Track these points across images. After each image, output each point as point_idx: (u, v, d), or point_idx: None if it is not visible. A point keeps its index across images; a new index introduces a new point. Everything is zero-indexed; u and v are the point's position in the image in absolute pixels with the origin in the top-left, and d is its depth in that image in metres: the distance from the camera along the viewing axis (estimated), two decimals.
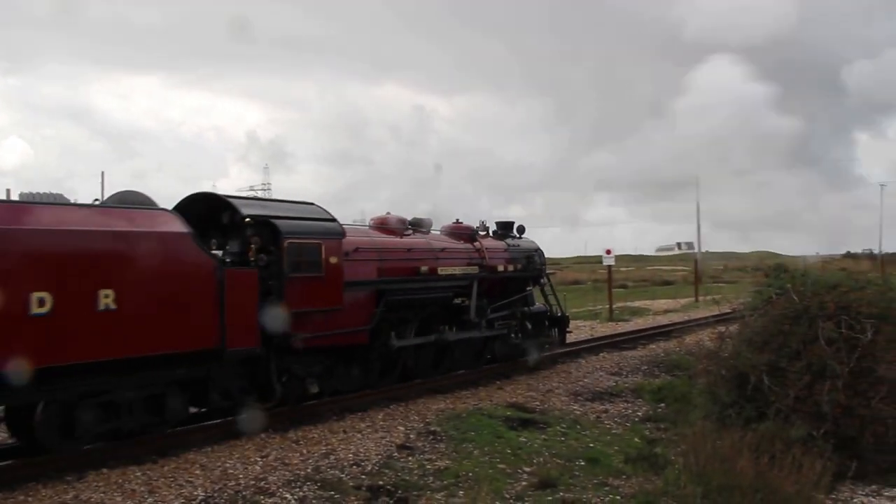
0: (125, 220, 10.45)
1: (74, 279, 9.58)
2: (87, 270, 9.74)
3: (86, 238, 9.85)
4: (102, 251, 9.97)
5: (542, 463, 10.59)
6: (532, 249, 19.34)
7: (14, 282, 9.03)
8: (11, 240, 9.13)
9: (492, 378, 16.39)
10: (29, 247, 9.27)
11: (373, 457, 10.43)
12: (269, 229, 12.21)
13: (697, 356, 14.65)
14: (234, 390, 11.80)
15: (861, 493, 9.93)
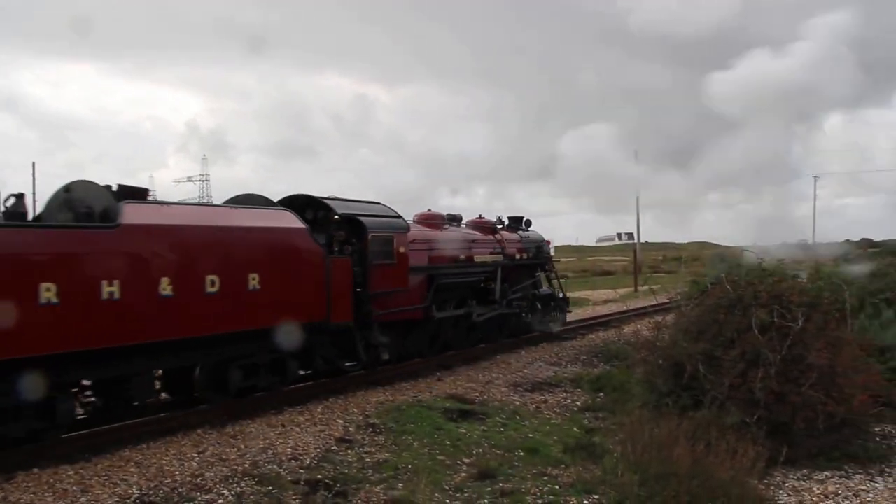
0: (263, 217, 13.21)
1: (234, 265, 12.16)
2: (243, 258, 12.34)
3: (241, 232, 12.52)
4: (252, 243, 12.61)
5: (481, 454, 10.63)
6: (540, 240, 22.73)
7: (196, 267, 11.59)
8: (194, 235, 11.74)
9: (432, 370, 16.42)
10: (206, 239, 11.90)
11: (311, 450, 10.39)
12: (356, 225, 14.96)
13: (635, 346, 14.82)
14: (332, 356, 14.52)
15: (792, 478, 10.13)
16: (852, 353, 11.41)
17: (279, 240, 13.16)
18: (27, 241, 9.89)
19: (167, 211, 12.00)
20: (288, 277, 13.09)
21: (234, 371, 12.59)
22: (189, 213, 12.43)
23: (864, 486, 9.90)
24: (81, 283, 10.17)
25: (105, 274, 10.36)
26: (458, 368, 16.87)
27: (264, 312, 12.56)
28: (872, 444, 11.25)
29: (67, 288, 9.93)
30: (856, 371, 11.20)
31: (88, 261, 10.33)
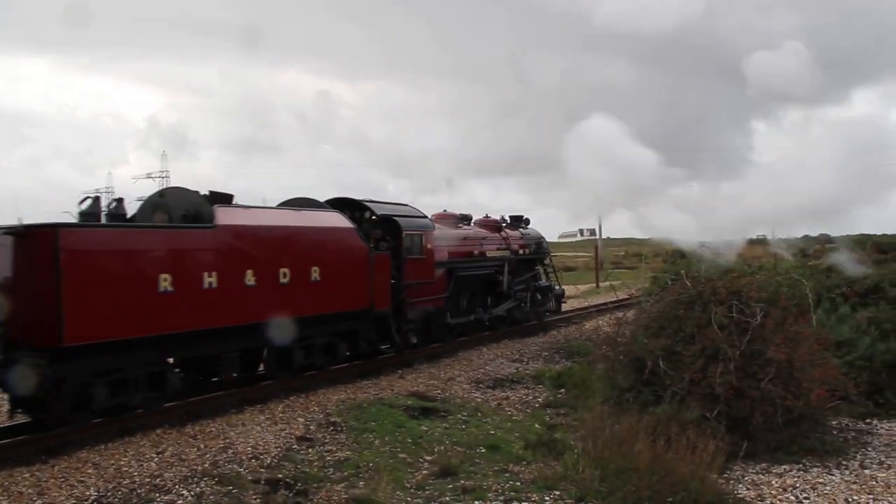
0: (320, 218, 15.31)
1: (300, 259, 14.04)
2: (307, 253, 14.25)
3: (305, 231, 14.51)
4: (313, 240, 14.58)
5: (442, 451, 10.60)
6: (538, 237, 24.87)
7: (272, 261, 13.40)
8: (270, 233, 13.64)
9: (393, 367, 16.36)
10: (279, 237, 13.85)
11: (272, 450, 10.28)
12: (391, 224, 17.09)
13: (596, 342, 14.90)
14: (373, 340, 16.45)
15: (752, 472, 10.23)
16: (810, 347, 11.53)
17: (334, 238, 15.20)
18: (151, 238, 11.79)
19: (249, 213, 13.73)
20: (341, 270, 15.05)
21: (297, 351, 14.37)
22: (265, 215, 14.22)
23: (821, 478, 10.02)
24: (189, 274, 12.02)
25: (205, 266, 12.27)
26: (419, 366, 16.81)
27: (322, 301, 14.60)
28: (829, 438, 11.39)
29: (179, 278, 11.78)
30: (813, 365, 11.32)
31: (194, 255, 12.23)
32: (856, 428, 12.38)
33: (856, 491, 9.59)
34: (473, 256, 20.70)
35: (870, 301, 16.07)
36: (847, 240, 27.28)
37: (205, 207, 12.82)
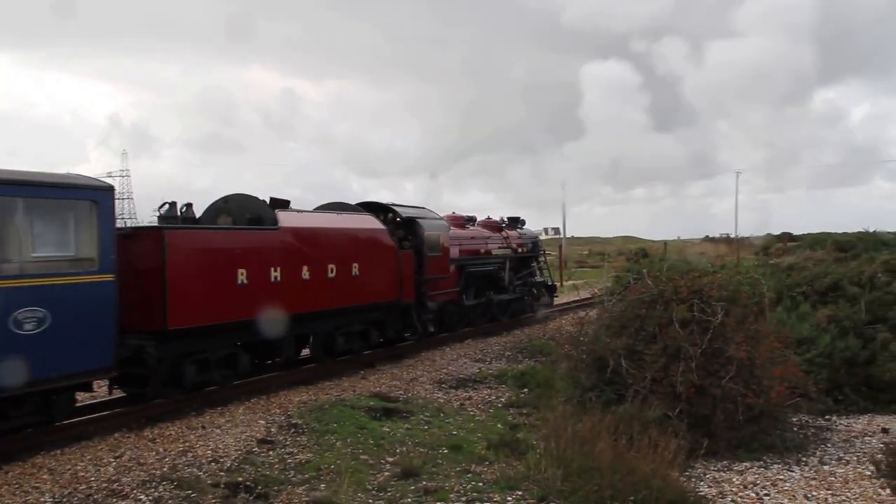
0: (358, 221, 17.31)
1: (343, 256, 15.94)
2: (348, 251, 16.16)
3: (347, 231, 16.52)
4: (353, 239, 16.57)
5: (404, 452, 10.53)
6: (534, 236, 27.60)
7: (322, 258, 15.32)
8: (321, 234, 15.59)
9: (355, 368, 16.28)
10: (328, 237, 15.78)
11: (232, 452, 10.15)
12: (414, 225, 19.03)
13: (559, 341, 14.91)
14: (399, 328, 18.45)
15: (713, 469, 10.28)
16: (770, 345, 11.61)
17: (369, 237, 17.13)
18: (232, 238, 13.71)
19: (304, 216, 15.86)
20: (374, 266, 16.92)
21: (339, 337, 16.17)
22: (316, 218, 16.30)
23: (781, 475, 10.11)
24: (259, 269, 13.79)
25: (272, 262, 14.07)
26: (382, 366, 16.74)
27: (360, 293, 16.44)
28: (790, 435, 11.50)
29: (252, 272, 13.55)
30: (774, 363, 11.41)
31: (263, 253, 14.01)
32: (815, 424, 12.50)
33: (815, 487, 9.67)
34: (480, 254, 23.04)
35: (829, 299, 16.22)
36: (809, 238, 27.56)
37: (267, 211, 14.72)
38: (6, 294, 9.69)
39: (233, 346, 13.60)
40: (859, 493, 9.49)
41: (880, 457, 10.36)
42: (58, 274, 10.48)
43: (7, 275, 9.82)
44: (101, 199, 11.03)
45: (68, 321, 10.39)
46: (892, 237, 24.46)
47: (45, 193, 10.55)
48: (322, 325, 15.79)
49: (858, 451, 11.21)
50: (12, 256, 10.06)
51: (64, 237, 10.90)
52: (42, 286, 10.19)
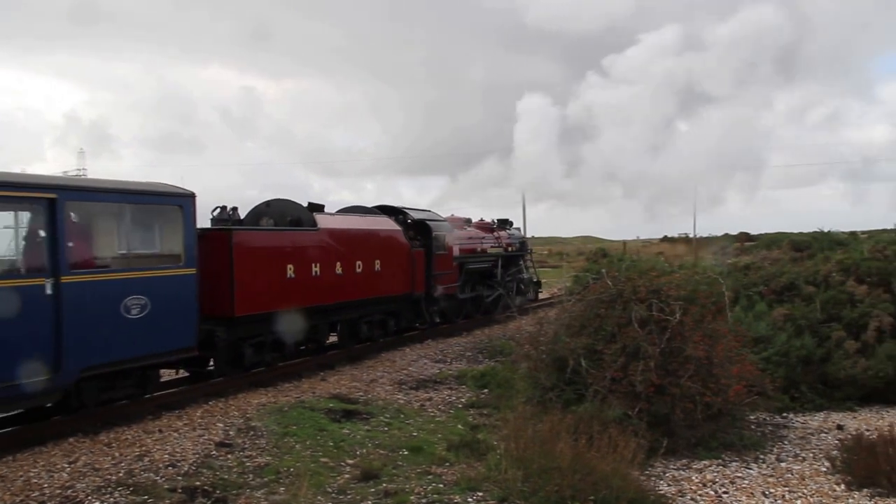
0: (378, 222, 19.82)
1: (368, 254, 18.37)
2: (372, 249, 18.61)
3: (370, 232, 19.02)
4: (375, 239, 19.04)
5: (365, 454, 10.47)
6: (521, 237, 29.69)
7: (351, 255, 17.64)
8: (350, 234, 17.98)
9: (315, 369, 16.19)
10: (356, 236, 18.19)
11: (190, 456, 10.03)
12: (424, 226, 21.63)
13: (519, 341, 14.90)
14: (411, 318, 21.06)
15: (672, 468, 10.34)
16: (728, 344, 11.69)
17: (388, 237, 19.65)
18: (282, 238, 15.97)
19: (336, 219, 18.42)
20: (393, 262, 19.38)
21: (363, 325, 18.67)
22: (346, 220, 18.78)
23: (739, 473, 10.20)
24: (303, 265, 16.05)
25: (313, 259, 16.37)
26: (341, 368, 16.67)
27: (381, 286, 18.85)
28: (747, 433, 11.60)
29: (298, 268, 15.84)
30: (731, 362, 11.49)
31: (306, 251, 16.26)
32: (772, 422, 12.63)
33: (772, 484, 9.76)
34: (477, 253, 25.18)
35: (785, 298, 16.41)
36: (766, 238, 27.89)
37: (305, 214, 17.04)
38: (120, 284, 11.75)
39: (278, 332, 15.42)
40: (815, 489, 9.59)
41: (835, 453, 10.52)
42: (154, 268, 12.57)
43: (120, 269, 11.94)
44: (185, 205, 12.87)
45: (162, 308, 12.32)
46: (845, 237, 24.83)
47: (144, 200, 12.62)
48: (349, 314, 18.16)
49: (814, 448, 11.34)
50: (124, 253, 12.37)
51: (158, 236, 13.19)
52: (144, 278, 12.17)
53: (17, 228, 11.40)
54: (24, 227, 11.33)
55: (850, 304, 15.50)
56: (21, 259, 11.14)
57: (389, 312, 19.85)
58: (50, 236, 10.80)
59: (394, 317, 20.12)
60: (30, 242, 11.14)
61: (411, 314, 21.16)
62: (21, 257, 11.15)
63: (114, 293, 11.60)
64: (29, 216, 11.24)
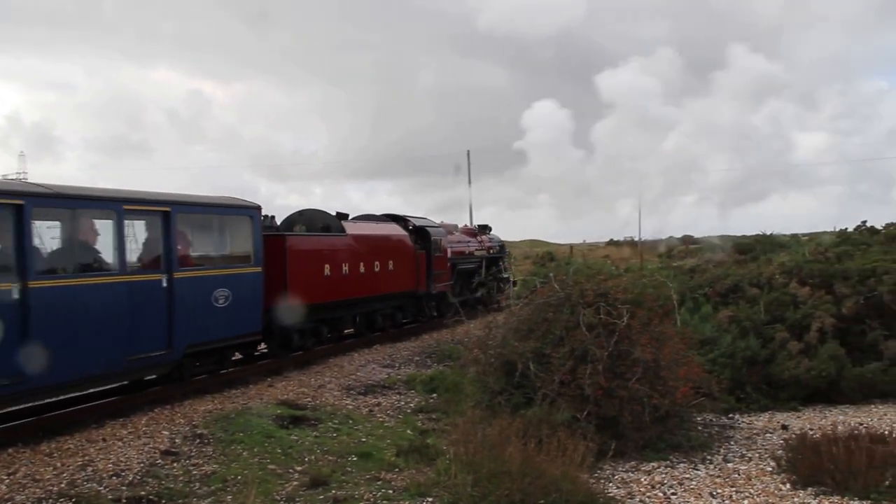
0: (390, 228, 22.99)
1: (383, 256, 20.97)
2: (385, 252, 21.29)
3: (385, 236, 22.02)
4: (388, 242, 21.95)
5: (313, 461, 10.37)
6: (500, 241, 33.05)
7: (370, 256, 20.32)
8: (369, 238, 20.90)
9: (262, 375, 16.03)
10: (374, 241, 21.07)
11: (134, 465, 9.84)
12: (423, 232, 24.22)
13: (467, 346, 14.90)
14: (415, 312, 23.72)
15: (621, 470, 10.40)
16: (675, 347, 11.79)
17: (399, 241, 22.64)
18: (320, 242, 18.94)
19: (359, 225, 21.46)
20: (401, 263, 22.15)
21: (378, 317, 21.71)
22: (366, 226, 21.90)
23: (687, 474, 10.29)
24: (336, 265, 18.87)
25: (343, 260, 19.21)
26: (289, 373, 16.50)
27: (393, 283, 21.62)
28: (695, 434, 11.71)
29: (332, 267, 18.71)
30: (678, 364, 11.59)
31: (338, 253, 19.13)
32: (719, 423, 12.77)
33: (720, 484, 9.86)
34: (466, 255, 28.36)
35: (730, 300, 16.62)
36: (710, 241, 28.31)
37: (334, 222, 19.87)
38: (212, 279, 14.46)
39: (317, 321, 18.33)
40: (761, 488, 9.70)
41: (780, 453, 10.65)
42: (234, 266, 15.33)
43: (212, 266, 14.85)
44: (254, 215, 15.79)
45: (239, 299, 14.91)
46: (787, 240, 25.20)
47: (226, 212, 15.65)
48: (368, 307, 21.08)
49: (760, 448, 11.48)
50: (213, 254, 15.49)
51: (235, 241, 15.82)
52: (226, 275, 14.86)
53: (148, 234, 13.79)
54: (148, 234, 13.74)
55: (794, 306, 15.75)
56: (145, 259, 13.57)
57: (397, 307, 22.73)
58: (165, 241, 13.47)
59: (401, 311, 23.00)
60: (152, 246, 13.63)
61: (414, 309, 23.87)
62: (145, 258, 13.57)
63: (207, 286, 14.34)
64: (151, 225, 13.65)
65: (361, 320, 21.32)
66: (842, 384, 14.30)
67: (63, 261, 12.00)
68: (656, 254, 44.75)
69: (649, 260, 39.16)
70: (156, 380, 14.29)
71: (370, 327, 21.62)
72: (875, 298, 15.76)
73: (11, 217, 10.82)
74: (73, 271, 11.97)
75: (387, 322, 22.30)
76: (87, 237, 12.46)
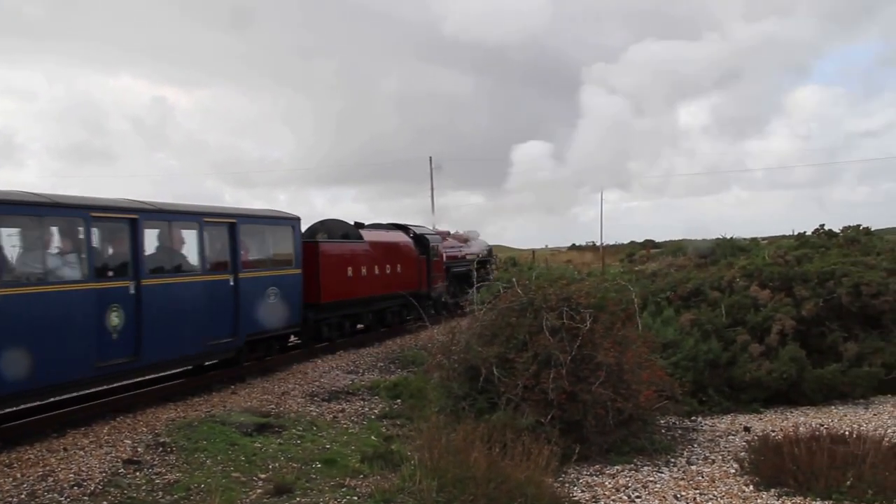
0: (397, 236, 25.74)
1: (392, 260, 23.91)
2: (394, 256, 24.20)
3: (393, 243, 24.84)
4: (396, 249, 24.78)
5: (277, 468, 10.31)
6: (488, 245, 36.07)
7: (382, 261, 23.08)
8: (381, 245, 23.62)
9: (226, 382, 15.91)
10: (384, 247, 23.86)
11: (96, 475, 9.72)
12: (423, 240, 27.24)
13: (431, 351, 14.88)
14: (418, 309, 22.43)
15: (586, 474, 10.43)
16: (637, 350, 11.86)
17: (405, 247, 25.79)
18: (343, 247, 21.76)
19: (374, 233, 24.12)
20: (407, 267, 25.20)
21: (387, 314, 24.35)
22: (379, 234, 24.60)
23: (651, 477, 10.35)
24: (356, 268, 21.77)
25: (361, 263, 22.05)
26: (253, 380, 16.39)
27: (401, 284, 23.80)
28: (658, 437, 11.78)
29: (353, 269, 21.61)
30: (641, 368, 11.66)
31: (357, 257, 22.00)
32: (682, 426, 12.86)
33: (683, 487, 9.93)
34: (458, 259, 31.60)
35: (692, 304, 16.76)
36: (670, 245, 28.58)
37: (352, 230, 22.92)
38: (265, 279, 17.48)
39: (341, 316, 21.51)
40: (725, 490, 9.78)
41: (743, 454, 10.76)
42: (280, 268, 18.37)
43: (265, 268, 17.76)
44: (295, 225, 19.15)
45: (284, 296, 17.95)
46: (747, 243, 25.42)
47: (275, 222, 18.80)
48: (380, 305, 23.69)
49: (723, 450, 11.58)
50: (265, 258, 18.21)
51: (281, 247, 18.73)
52: (275, 275, 17.94)
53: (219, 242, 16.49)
54: (219, 242, 16.44)
55: (754, 309, 15.92)
56: (218, 262, 16.27)
57: (403, 305, 24.50)
58: (231, 247, 16.53)
59: (406, 308, 24.71)
60: (222, 251, 16.47)
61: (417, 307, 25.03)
62: (218, 261, 16.32)
63: (262, 285, 17.29)
64: (221, 234, 16.42)
65: (374, 316, 23.69)
66: (802, 386, 14.47)
67: (163, 263, 14.83)
68: (618, 258, 45.07)
69: (611, 265, 39.52)
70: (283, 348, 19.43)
71: (381, 323, 24.22)
72: (834, 300, 15.98)
73: (128, 228, 13.69)
74: (170, 271, 14.90)
75: (395, 319, 24.80)
76: (178, 244, 15.47)
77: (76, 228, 12.77)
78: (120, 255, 13.70)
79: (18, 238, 12.11)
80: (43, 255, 12.32)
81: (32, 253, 12.19)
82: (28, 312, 11.53)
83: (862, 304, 15.94)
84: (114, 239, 13.77)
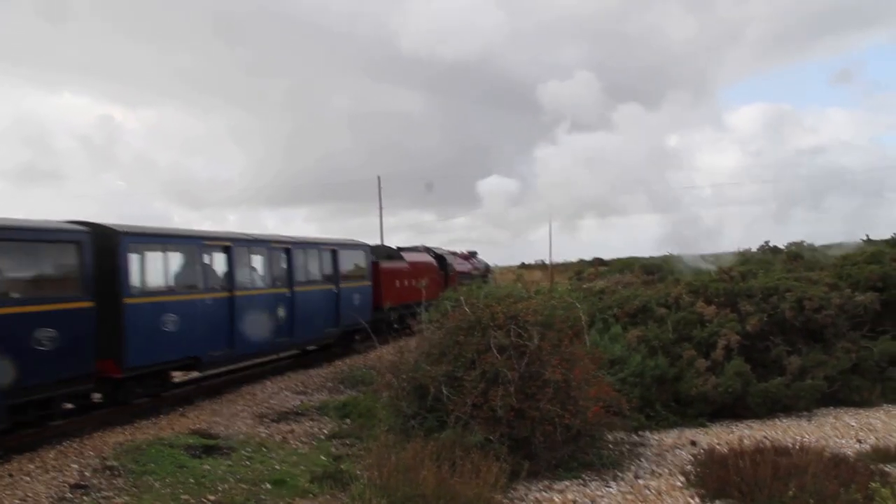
0: (425, 256, 35.06)
1: (419, 276, 30.81)
2: (424, 272, 31.91)
3: (420, 264, 33.18)
4: (423, 266, 33.05)
5: (227, 490, 10.25)
6: (486, 263, 45.04)
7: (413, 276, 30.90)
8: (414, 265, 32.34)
9: (174, 405, 15.77)
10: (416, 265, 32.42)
11: (43, 500, 9.60)
12: (442, 259, 36.73)
13: (380, 370, 14.88)
14: None
15: (535, 490, 10.47)
16: (585, 367, 11.96)
17: (431, 265, 33.71)
18: (393, 265, 30.03)
19: (409, 255, 32.10)
20: (433, 281, 31.57)
21: (410, 317, 24.18)
22: (414, 255, 32.74)
23: (599, 491, 10.40)
24: (401, 280, 29.75)
25: (403, 277, 30.05)
26: (201, 402, 16.28)
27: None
28: (606, 452, 11.85)
29: (399, 282, 29.55)
30: (589, 384, 11.74)
31: (401, 273, 30.10)
32: (630, 441, 12.96)
33: (631, 500, 10.01)
34: (465, 273, 38.59)
35: (639, 320, 16.95)
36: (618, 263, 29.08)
37: (395, 252, 31.44)
38: (352, 289, 24.97)
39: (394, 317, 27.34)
40: (671, 503, 9.88)
41: (689, 468, 10.88)
42: (360, 280, 25.83)
43: (352, 281, 25.11)
44: (367, 249, 26.84)
45: (362, 301, 25.45)
46: None
47: (355, 248, 26.00)
48: (413, 309, 26.68)
49: (670, 464, 11.70)
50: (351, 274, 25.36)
51: (356, 265, 25.94)
52: (358, 286, 25.47)
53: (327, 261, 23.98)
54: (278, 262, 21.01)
55: (700, 324, 16.15)
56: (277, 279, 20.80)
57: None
58: (333, 266, 24.16)
59: None
60: (280, 269, 21.06)
61: None
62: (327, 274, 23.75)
63: (351, 293, 24.97)
64: (279, 256, 21.14)
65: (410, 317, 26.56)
66: (747, 399, 14.68)
67: (303, 277, 22.25)
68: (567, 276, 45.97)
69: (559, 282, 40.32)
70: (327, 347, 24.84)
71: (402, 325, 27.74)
72: (778, 315, 16.26)
73: (285, 254, 21.31)
74: (305, 283, 22.25)
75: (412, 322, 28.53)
76: (312, 265, 23.09)
77: (261, 255, 20.31)
78: (281, 272, 21.09)
79: (234, 261, 18.55)
80: (250, 273, 19.77)
81: (242, 270, 19.08)
82: (249, 305, 18.76)
83: (805, 319, 16.25)
84: (278, 261, 21.00)
